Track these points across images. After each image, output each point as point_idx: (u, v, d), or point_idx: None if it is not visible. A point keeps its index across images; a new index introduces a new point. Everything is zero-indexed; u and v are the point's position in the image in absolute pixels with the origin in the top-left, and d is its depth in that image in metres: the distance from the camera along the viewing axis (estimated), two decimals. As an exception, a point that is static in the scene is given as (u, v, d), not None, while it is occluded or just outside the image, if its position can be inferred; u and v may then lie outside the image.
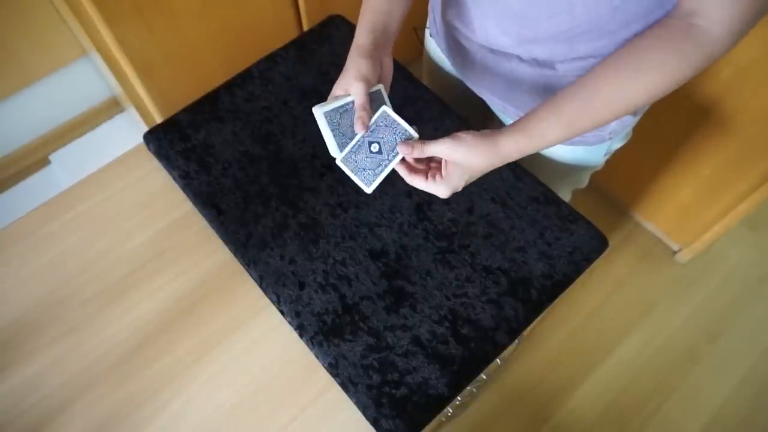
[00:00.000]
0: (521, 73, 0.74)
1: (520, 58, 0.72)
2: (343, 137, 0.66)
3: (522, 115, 0.78)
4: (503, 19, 0.68)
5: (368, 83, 0.65)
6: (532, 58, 0.71)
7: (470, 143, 0.61)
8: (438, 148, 0.62)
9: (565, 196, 1.01)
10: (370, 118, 0.65)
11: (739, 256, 1.66)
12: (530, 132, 0.60)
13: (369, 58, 0.66)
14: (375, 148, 0.65)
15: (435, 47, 0.93)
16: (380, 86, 0.67)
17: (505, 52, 0.73)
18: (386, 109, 0.65)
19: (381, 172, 0.65)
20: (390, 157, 0.65)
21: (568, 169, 0.90)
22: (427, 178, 0.64)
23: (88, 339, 0.79)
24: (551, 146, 0.61)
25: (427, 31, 0.94)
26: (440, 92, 0.93)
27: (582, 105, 0.59)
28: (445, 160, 0.63)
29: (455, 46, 0.82)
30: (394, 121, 0.64)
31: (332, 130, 0.65)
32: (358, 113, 0.65)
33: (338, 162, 0.67)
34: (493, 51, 0.74)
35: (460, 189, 0.64)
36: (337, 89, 0.67)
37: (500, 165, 0.62)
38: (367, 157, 0.66)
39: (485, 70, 0.79)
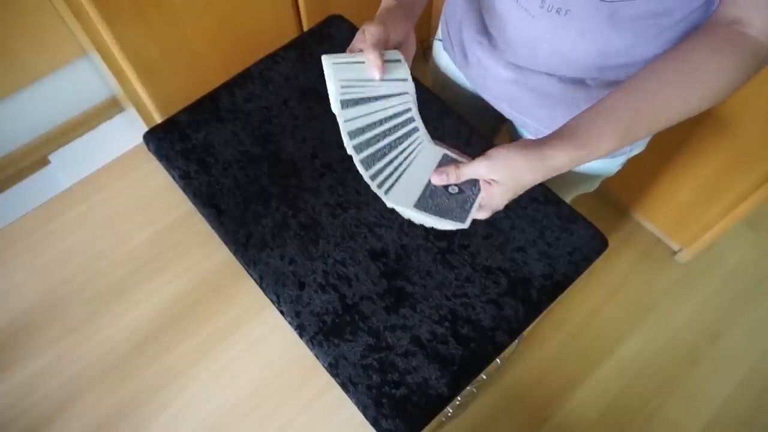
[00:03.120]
0: (548, 87, 0.73)
1: (548, 74, 0.71)
2: (451, 212, 0.59)
3: (542, 129, 0.76)
4: (531, 42, 0.68)
5: (386, 33, 0.59)
6: (560, 74, 0.70)
7: (512, 160, 0.54)
8: (475, 171, 0.57)
9: (568, 199, 1.01)
10: (383, 64, 0.59)
11: (739, 256, 1.66)
12: (584, 142, 0.53)
13: (394, 18, 0.61)
14: (454, 190, 0.60)
15: (448, 61, 0.91)
16: (401, 57, 0.61)
17: (531, 68, 0.72)
18: (447, 152, 0.61)
19: (471, 207, 0.59)
20: (475, 192, 0.59)
21: (580, 178, 0.89)
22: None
23: (88, 339, 0.79)
24: (602, 156, 0.55)
25: (438, 44, 0.93)
26: (451, 105, 0.90)
27: (638, 113, 0.54)
28: (484, 181, 0.58)
29: (474, 59, 0.80)
30: (456, 160, 0.60)
31: (438, 215, 0.58)
32: (372, 57, 0.58)
33: (406, 210, 0.58)
34: (519, 67, 0.73)
35: (500, 208, 0.59)
36: (356, 41, 0.61)
37: (545, 179, 0.56)
38: (447, 199, 0.59)
39: (508, 85, 0.77)
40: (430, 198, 0.59)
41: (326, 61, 0.60)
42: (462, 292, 0.74)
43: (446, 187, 0.60)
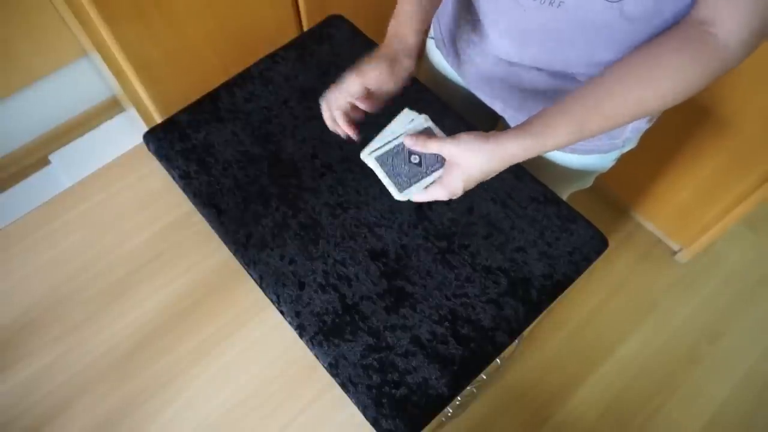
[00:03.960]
0: (539, 83, 0.73)
1: (538, 69, 0.72)
2: (399, 177, 0.66)
3: None
4: (522, 36, 0.68)
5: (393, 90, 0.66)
6: (550, 69, 0.71)
7: (468, 143, 0.59)
8: (441, 147, 0.61)
9: (564, 196, 1.01)
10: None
11: (738, 256, 1.66)
12: (538, 134, 0.58)
13: (411, 61, 0.66)
14: (415, 159, 0.66)
15: (440, 58, 0.91)
16: (428, 122, 0.68)
17: (522, 64, 0.72)
18: (432, 127, 0.67)
19: (416, 182, 0.65)
20: (428, 172, 0.66)
21: (575, 175, 0.89)
22: None
23: (89, 338, 0.79)
24: (559, 148, 0.59)
25: (431, 41, 0.93)
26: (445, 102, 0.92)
27: (593, 107, 0.57)
28: (449, 164, 0.62)
29: (466, 57, 0.80)
30: (434, 134, 0.66)
31: (387, 174, 0.66)
32: (363, 104, 0.64)
33: (368, 158, 0.66)
34: (510, 63, 0.74)
35: (459, 192, 0.62)
36: (355, 81, 0.65)
37: (503, 167, 0.60)
38: (405, 164, 0.66)
39: (500, 82, 0.78)
40: (393, 157, 0.67)
41: (369, 160, 0.67)
42: (462, 292, 0.74)
43: (410, 155, 0.66)
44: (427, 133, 0.68)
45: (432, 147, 0.63)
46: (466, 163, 0.60)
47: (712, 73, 0.54)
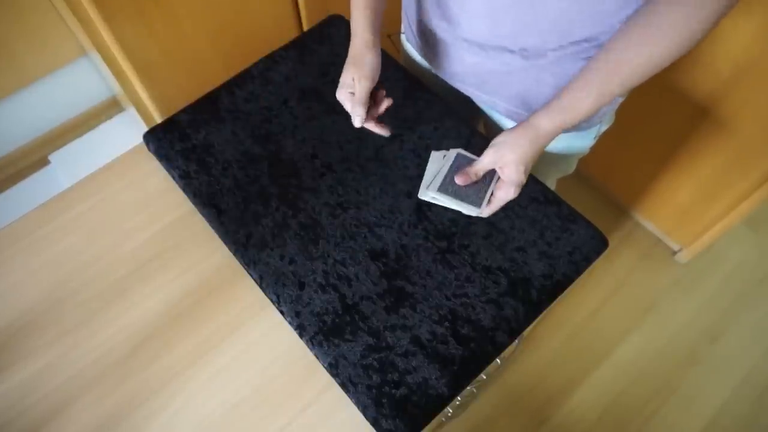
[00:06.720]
0: (511, 65, 0.74)
1: (510, 51, 0.72)
2: (468, 198, 0.74)
3: (512, 108, 0.80)
4: (493, 13, 0.68)
5: (373, 81, 0.72)
6: (522, 49, 0.71)
7: (511, 139, 0.67)
8: (487, 162, 0.71)
9: (552, 184, 1.02)
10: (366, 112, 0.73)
11: (739, 256, 1.66)
12: (563, 107, 0.64)
13: (375, 53, 0.72)
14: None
15: (414, 51, 0.92)
16: (458, 150, 0.80)
17: (494, 45, 0.72)
18: (461, 151, 0.79)
19: (485, 194, 0.74)
20: (487, 181, 0.75)
21: (557, 158, 0.90)
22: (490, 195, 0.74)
23: (87, 339, 0.79)
24: (586, 117, 0.65)
25: (403, 36, 0.94)
26: None
27: (609, 72, 0.61)
28: (499, 167, 0.70)
29: (437, 46, 0.81)
30: (471, 158, 0.77)
31: (458, 199, 0.74)
32: (356, 109, 0.72)
33: (429, 193, 0.76)
34: (480, 45, 0.74)
35: (524, 180, 0.70)
36: (346, 77, 0.73)
37: (548, 143, 0.68)
38: (465, 186, 0.74)
39: (472, 67, 0.78)
40: (450, 185, 0.76)
41: (434, 195, 0.76)
42: (462, 292, 0.74)
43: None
44: (460, 160, 0.77)
45: (480, 168, 0.72)
46: (517, 157, 0.67)
47: (715, 16, 0.55)
